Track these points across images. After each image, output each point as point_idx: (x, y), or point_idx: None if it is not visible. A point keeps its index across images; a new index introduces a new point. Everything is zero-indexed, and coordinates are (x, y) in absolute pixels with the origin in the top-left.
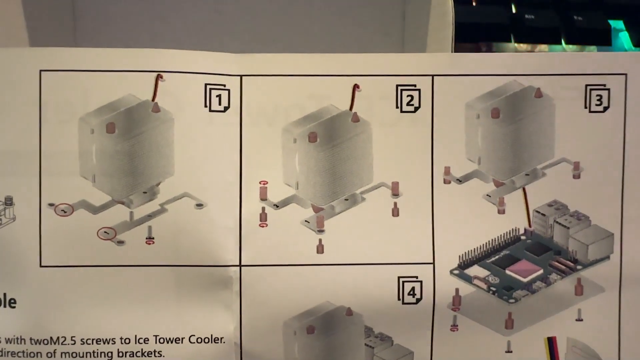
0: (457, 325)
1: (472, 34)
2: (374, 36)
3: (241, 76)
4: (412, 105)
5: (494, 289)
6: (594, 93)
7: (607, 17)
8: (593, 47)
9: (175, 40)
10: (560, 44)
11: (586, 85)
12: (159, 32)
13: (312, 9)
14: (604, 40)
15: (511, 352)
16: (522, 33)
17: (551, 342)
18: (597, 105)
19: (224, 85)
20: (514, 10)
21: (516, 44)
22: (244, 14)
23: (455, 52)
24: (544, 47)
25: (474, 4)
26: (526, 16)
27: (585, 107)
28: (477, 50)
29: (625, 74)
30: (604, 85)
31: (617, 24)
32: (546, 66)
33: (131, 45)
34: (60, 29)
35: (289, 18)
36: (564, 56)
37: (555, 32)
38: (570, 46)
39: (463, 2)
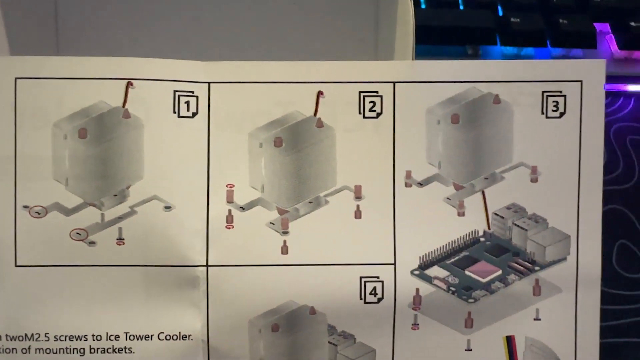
0: (417, 324)
1: (458, 38)
2: (348, 43)
3: (209, 83)
4: (375, 111)
5: (453, 289)
6: (551, 99)
7: (593, 20)
8: (530, 49)
9: (156, 46)
10: (546, 46)
11: (543, 92)
12: (140, 38)
13: (289, 17)
14: (589, 43)
15: (471, 350)
16: (508, 36)
17: (510, 341)
18: (553, 111)
19: (193, 92)
20: (500, 14)
21: (502, 47)
22: (222, 21)
23: (439, 56)
24: (529, 50)
25: (461, 7)
26: (512, 19)
27: (542, 113)
28: (464, 53)
29: (581, 81)
30: (560, 91)
31: (603, 27)
32: (504, 73)
33: (113, 52)
34: (42, 36)
35: (266, 25)
36: (522, 63)
37: (541, 35)
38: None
39: (450, 5)
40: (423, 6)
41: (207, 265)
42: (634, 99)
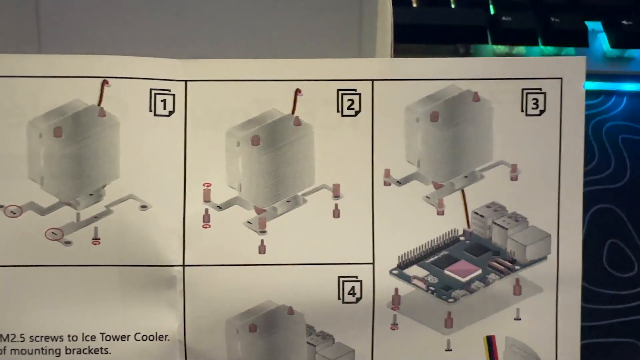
0: (397, 324)
1: (450, 36)
2: (331, 40)
3: (186, 81)
4: (353, 109)
5: (433, 288)
6: (530, 97)
7: (585, 18)
8: (522, 48)
9: (138, 44)
10: (537, 45)
11: (523, 89)
12: (122, 36)
13: (271, 14)
14: (581, 41)
15: (451, 350)
16: (499, 35)
17: (490, 341)
18: (533, 108)
19: (169, 90)
20: (492, 12)
21: (494, 46)
22: (205, 18)
23: (429, 55)
24: (521, 48)
25: (452, 6)
26: (503, 18)
27: (522, 111)
28: (455, 52)
29: (561, 78)
30: (540, 89)
31: (595, 26)
32: (484, 70)
33: (95, 50)
34: (23, 34)
35: (250, 23)
36: (501, 61)
37: (532, 33)
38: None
39: (441, 4)
40: (414, 5)
41: (183, 265)
42: (626, 97)
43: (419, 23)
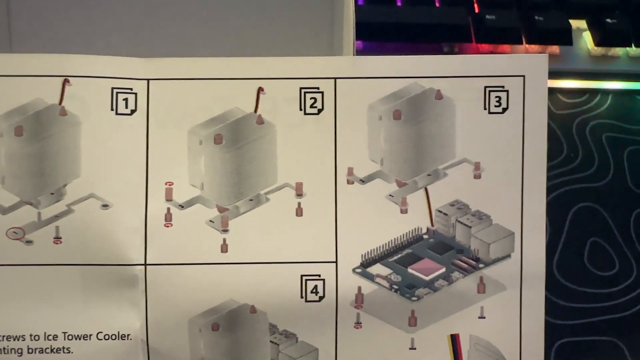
0: (360, 323)
1: (434, 35)
2: (304, 38)
3: (148, 80)
4: (316, 107)
5: (396, 287)
6: (493, 94)
7: (570, 17)
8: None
9: (109, 43)
10: (522, 43)
11: (485, 87)
12: (93, 35)
13: (243, 12)
14: (565, 40)
15: (415, 349)
16: (483, 33)
17: (454, 340)
18: (496, 106)
19: (131, 89)
20: (476, 11)
21: (478, 44)
22: (176, 18)
23: (415, 52)
24: (505, 47)
25: (437, 4)
26: (487, 16)
27: (485, 109)
28: (439, 50)
29: (523, 76)
30: (503, 86)
31: (579, 24)
32: (446, 68)
33: (66, 49)
34: None
35: (220, 21)
36: (463, 58)
37: (516, 32)
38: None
39: (425, 3)
40: (399, 3)
41: (145, 264)
42: (611, 96)
43: (402, 21)
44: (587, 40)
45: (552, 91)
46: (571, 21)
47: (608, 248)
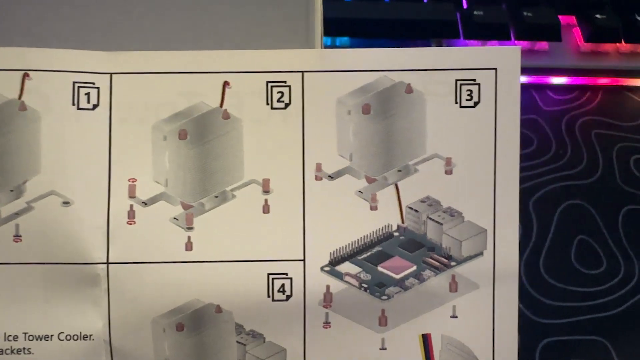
0: (329, 323)
1: (421, 31)
2: (279, 33)
3: (111, 74)
4: (283, 101)
5: (365, 285)
6: (464, 88)
7: (559, 12)
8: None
9: (71, 36)
10: (510, 39)
11: (456, 80)
12: (54, 28)
13: (219, 7)
14: (554, 36)
15: (385, 349)
16: (471, 29)
17: (426, 339)
18: (467, 100)
19: (93, 83)
20: (464, 6)
21: (466, 41)
22: (151, 13)
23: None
24: (494, 43)
25: (424, 0)
26: (475, 12)
27: (456, 103)
28: (426, 46)
29: (495, 69)
30: (474, 80)
31: (569, 20)
32: (416, 61)
33: (26, 42)
34: None
35: (192, 15)
36: (434, 51)
37: (504, 28)
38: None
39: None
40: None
41: (107, 263)
42: (601, 92)
43: (390, 18)
44: (576, 36)
45: (541, 88)
46: (560, 17)
47: (596, 246)
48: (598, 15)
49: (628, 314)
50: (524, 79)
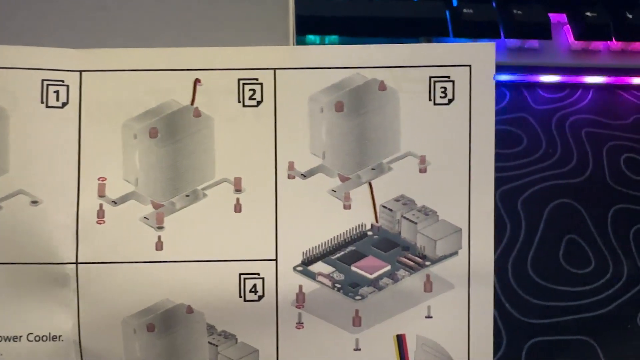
0: (302, 323)
1: (410, 30)
2: (259, 31)
3: (81, 72)
4: (255, 99)
5: (338, 285)
6: (438, 85)
7: (549, 10)
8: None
9: (40, 33)
10: (500, 37)
11: (430, 77)
12: (23, 25)
13: (198, 4)
14: (544, 34)
15: (360, 350)
16: (460, 28)
17: (400, 340)
18: (441, 97)
19: (63, 81)
20: (454, 4)
21: (455, 39)
22: (123, 9)
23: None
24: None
25: None
26: (464, 10)
27: (430, 100)
28: None
29: (470, 65)
30: (448, 77)
31: (560, 18)
32: (389, 58)
33: (8, 42)
34: None
35: (174, 13)
36: (407, 48)
37: (494, 26)
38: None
39: None
40: None
41: (76, 263)
42: (592, 91)
43: (379, 16)
44: (567, 34)
45: (531, 86)
46: (550, 15)
47: (584, 245)
48: (588, 13)
49: (616, 313)
50: (514, 77)
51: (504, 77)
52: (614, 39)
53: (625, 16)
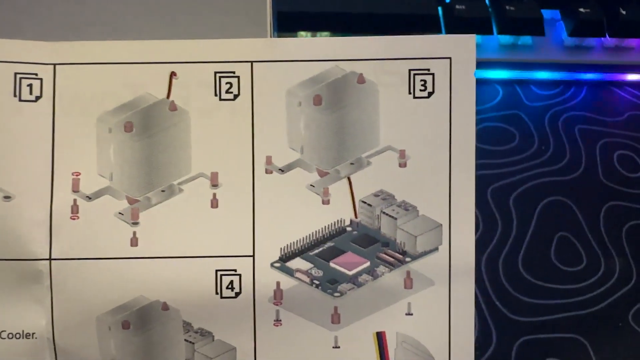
0: (280, 320)
1: (402, 26)
2: (237, 23)
3: (55, 65)
4: (232, 92)
5: (317, 282)
6: (418, 78)
7: (542, 6)
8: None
9: (13, 25)
10: (492, 34)
11: (410, 70)
12: (16, 22)
13: None
14: (537, 30)
15: (339, 347)
16: (453, 24)
17: (380, 338)
18: (421, 90)
19: (36, 74)
20: (446, 1)
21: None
22: (103, 2)
23: None
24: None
25: None
26: (457, 6)
27: (410, 93)
28: None
29: (450, 58)
30: (428, 69)
31: (554, 14)
32: (368, 51)
33: None
34: None
35: (150, 6)
36: (386, 40)
37: (487, 22)
38: None
39: None
40: None
41: (50, 259)
42: (586, 87)
43: (371, 12)
44: (560, 30)
45: (524, 83)
46: (543, 11)
47: (576, 243)
48: (582, 9)
49: (607, 311)
50: (507, 74)
51: (497, 74)
52: (607, 35)
53: (619, 12)
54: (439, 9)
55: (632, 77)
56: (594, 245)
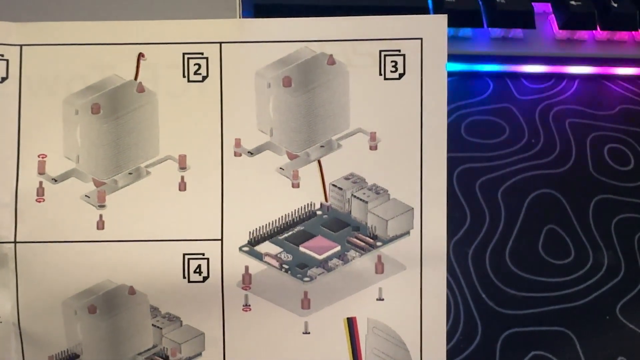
0: (249, 305)
1: None
2: (205, 3)
3: (21, 46)
4: (200, 74)
5: (286, 266)
6: (389, 59)
7: None
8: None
9: (4, 11)
10: (483, 27)
11: (380, 51)
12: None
13: None
14: (528, 23)
15: (309, 333)
16: None
17: (351, 323)
18: (392, 72)
19: (2, 56)
20: None
21: None
22: None
23: None
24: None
25: None
26: None
27: (380, 74)
28: None
29: (421, 39)
30: (399, 50)
31: (545, 7)
32: (338, 31)
33: None
34: None
35: None
36: (357, 21)
37: (477, 15)
38: None
39: None
40: None
41: (15, 242)
42: (577, 81)
43: (360, 4)
44: (551, 23)
45: (515, 76)
46: (534, 4)
47: (564, 236)
48: (573, 2)
49: (594, 305)
50: (497, 67)
51: (488, 67)
52: (599, 29)
53: (610, 5)
54: (429, 1)
55: (623, 70)
56: (582, 238)
